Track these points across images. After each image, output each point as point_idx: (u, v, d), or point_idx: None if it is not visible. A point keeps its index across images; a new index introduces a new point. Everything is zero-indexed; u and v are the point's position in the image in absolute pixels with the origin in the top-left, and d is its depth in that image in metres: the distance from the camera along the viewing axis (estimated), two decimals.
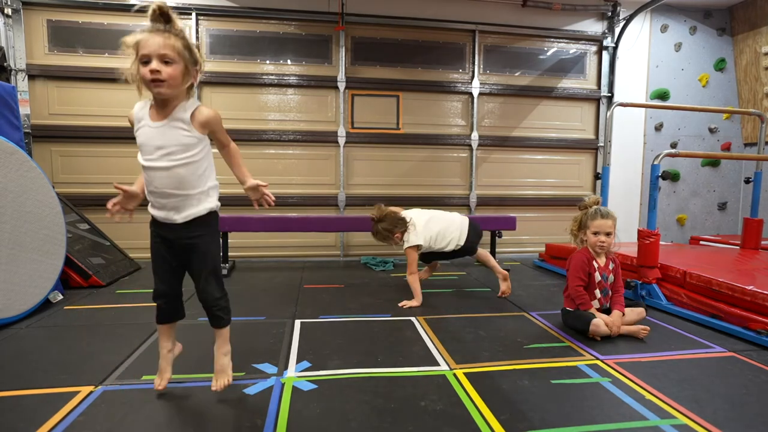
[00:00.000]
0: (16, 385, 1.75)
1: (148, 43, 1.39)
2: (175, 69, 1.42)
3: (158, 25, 1.41)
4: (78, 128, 4.14)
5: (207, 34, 4.33)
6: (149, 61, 1.39)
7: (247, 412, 1.56)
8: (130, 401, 1.63)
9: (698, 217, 5.32)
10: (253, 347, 2.16)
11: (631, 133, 5.05)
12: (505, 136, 4.87)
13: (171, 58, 1.40)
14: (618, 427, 1.50)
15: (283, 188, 4.53)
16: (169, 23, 1.42)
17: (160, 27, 1.41)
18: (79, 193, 4.14)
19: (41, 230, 2.74)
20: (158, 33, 1.40)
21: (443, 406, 1.62)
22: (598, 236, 2.37)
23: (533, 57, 4.89)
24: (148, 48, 1.39)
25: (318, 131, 4.53)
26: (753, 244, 3.77)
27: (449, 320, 2.61)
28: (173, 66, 1.41)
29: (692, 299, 2.75)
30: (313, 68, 4.51)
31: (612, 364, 1.99)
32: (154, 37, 1.39)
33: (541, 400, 1.66)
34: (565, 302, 2.50)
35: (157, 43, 1.38)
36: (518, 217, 4.38)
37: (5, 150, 2.56)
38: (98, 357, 2.02)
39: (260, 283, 3.48)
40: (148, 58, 1.39)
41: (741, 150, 5.27)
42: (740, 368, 1.98)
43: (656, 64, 5.04)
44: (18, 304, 2.50)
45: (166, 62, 1.40)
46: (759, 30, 4.85)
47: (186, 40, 1.45)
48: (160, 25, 1.41)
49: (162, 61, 1.39)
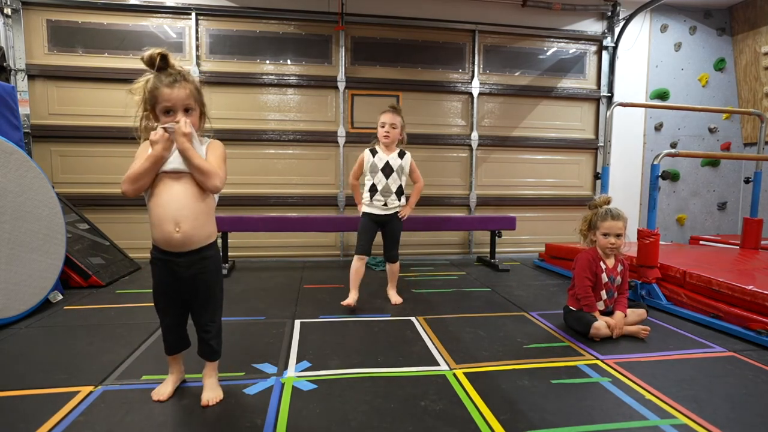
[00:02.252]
0: (16, 385, 1.75)
1: (171, 96, 1.46)
2: (195, 116, 1.53)
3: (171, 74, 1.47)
4: (78, 128, 4.14)
5: (207, 34, 4.32)
6: (172, 112, 1.48)
7: (247, 412, 1.56)
8: (130, 401, 1.63)
9: (698, 217, 5.32)
10: (253, 347, 2.15)
11: (630, 133, 5.05)
12: (505, 136, 4.87)
13: (192, 106, 1.51)
14: (618, 427, 1.50)
15: (283, 188, 4.53)
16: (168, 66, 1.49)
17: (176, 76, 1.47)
18: (78, 193, 4.14)
19: (41, 230, 2.74)
20: (178, 84, 1.47)
21: (443, 406, 1.62)
22: (608, 238, 2.34)
23: (533, 57, 4.88)
24: (172, 101, 1.47)
25: (318, 131, 4.53)
26: (753, 244, 3.77)
27: (449, 320, 2.61)
28: (194, 113, 1.52)
29: (692, 299, 2.75)
30: (313, 68, 4.50)
31: (612, 364, 1.99)
32: (174, 90, 1.46)
33: (541, 400, 1.66)
34: (568, 300, 2.49)
35: (179, 96, 1.47)
36: (518, 216, 4.38)
37: (5, 150, 2.56)
38: (98, 357, 2.02)
39: (260, 283, 3.48)
40: (171, 109, 1.48)
41: (741, 150, 5.27)
42: (740, 368, 1.98)
43: (656, 63, 5.04)
44: (18, 304, 2.50)
45: (187, 110, 1.50)
46: (759, 30, 4.85)
47: (194, 82, 1.53)
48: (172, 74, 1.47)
49: (184, 110, 1.49)
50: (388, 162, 2.81)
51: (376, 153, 2.85)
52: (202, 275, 1.57)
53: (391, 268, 3.02)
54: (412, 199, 2.97)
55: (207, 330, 1.63)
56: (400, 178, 2.85)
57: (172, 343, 1.67)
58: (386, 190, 2.81)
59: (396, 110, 2.81)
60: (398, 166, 2.83)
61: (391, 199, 2.83)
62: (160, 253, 1.54)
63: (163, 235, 1.50)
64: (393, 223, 2.89)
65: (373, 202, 2.83)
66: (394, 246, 2.95)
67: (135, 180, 1.46)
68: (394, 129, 2.79)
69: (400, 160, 2.85)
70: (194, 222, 1.51)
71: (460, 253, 4.92)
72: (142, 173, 1.46)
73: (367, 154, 2.87)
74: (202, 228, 1.54)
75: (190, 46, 4.27)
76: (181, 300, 1.61)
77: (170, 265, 1.54)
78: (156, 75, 1.47)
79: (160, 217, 1.49)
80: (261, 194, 4.46)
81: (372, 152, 2.87)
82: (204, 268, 1.57)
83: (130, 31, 4.18)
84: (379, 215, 2.85)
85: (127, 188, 1.46)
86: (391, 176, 2.81)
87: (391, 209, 2.85)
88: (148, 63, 1.47)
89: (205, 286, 1.58)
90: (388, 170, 2.81)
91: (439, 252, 4.85)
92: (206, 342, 1.65)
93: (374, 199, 2.82)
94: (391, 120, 2.78)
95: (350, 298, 2.78)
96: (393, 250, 2.95)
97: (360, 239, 2.87)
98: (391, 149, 2.85)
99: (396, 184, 2.83)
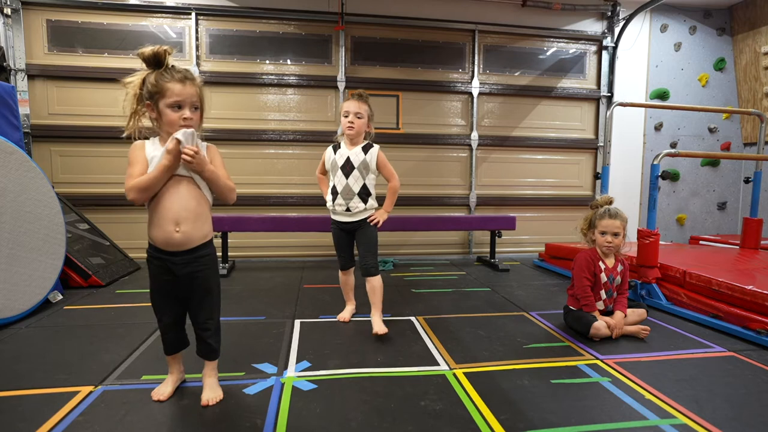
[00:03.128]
0: (16, 385, 1.75)
1: (183, 92, 1.47)
2: (197, 116, 1.54)
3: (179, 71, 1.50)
4: (77, 128, 4.14)
5: (207, 33, 4.32)
6: (180, 107, 1.48)
7: (247, 412, 1.56)
8: (130, 401, 1.63)
9: (698, 217, 5.32)
10: (253, 347, 2.15)
11: (630, 132, 5.05)
12: (504, 135, 4.87)
13: (198, 105, 1.53)
14: (618, 426, 1.50)
15: (283, 188, 4.53)
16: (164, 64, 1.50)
17: (186, 73, 1.50)
18: (78, 193, 4.14)
19: (41, 230, 2.74)
20: (189, 82, 1.49)
21: (443, 406, 1.62)
22: (605, 236, 2.36)
23: (533, 57, 4.88)
24: (182, 96, 1.48)
25: (318, 131, 4.53)
26: (753, 244, 3.77)
27: (449, 320, 2.61)
28: (198, 112, 1.54)
29: (692, 299, 2.75)
30: (313, 68, 4.50)
31: (612, 364, 1.99)
32: (186, 87, 1.48)
33: (541, 400, 1.66)
34: (568, 300, 2.50)
35: (190, 92, 1.49)
36: (518, 216, 4.38)
37: (5, 150, 2.56)
38: (98, 357, 2.02)
39: (260, 283, 3.48)
40: (181, 104, 1.48)
41: (741, 150, 5.27)
42: (740, 368, 1.98)
43: (656, 63, 5.04)
44: (18, 304, 2.50)
45: (195, 108, 1.52)
46: (759, 30, 4.85)
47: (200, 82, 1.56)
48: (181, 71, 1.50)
49: (193, 108, 1.51)
50: (348, 158, 2.38)
51: (338, 149, 2.44)
52: (198, 273, 1.58)
53: (370, 284, 2.44)
54: (388, 201, 2.47)
55: (205, 328, 1.63)
56: (364, 177, 2.39)
57: (171, 342, 1.67)
58: (347, 192, 2.37)
59: (362, 98, 2.39)
60: (361, 162, 2.37)
61: (353, 203, 2.38)
62: (157, 251, 1.55)
63: (163, 235, 1.50)
64: (364, 229, 2.44)
65: (335, 207, 2.42)
66: (368, 254, 2.42)
67: (145, 189, 1.46)
68: (359, 119, 2.36)
69: (363, 155, 2.39)
70: (194, 222, 1.53)
71: (460, 253, 4.92)
72: (153, 183, 1.46)
73: (328, 151, 2.48)
74: (201, 228, 1.56)
75: (190, 46, 4.27)
76: (178, 298, 1.61)
77: (167, 264, 1.55)
78: (159, 71, 1.47)
79: (162, 218, 1.50)
80: (261, 194, 4.46)
81: (334, 148, 2.47)
82: (201, 266, 1.58)
83: (130, 31, 4.18)
84: (345, 223, 2.44)
85: (136, 197, 1.46)
86: (352, 175, 2.37)
87: (356, 215, 2.41)
88: (152, 59, 1.46)
89: (202, 284, 1.59)
90: (348, 167, 2.37)
91: (439, 252, 4.85)
92: (205, 341, 1.65)
93: (336, 203, 2.41)
94: (355, 108, 2.35)
95: (346, 312, 2.62)
96: (368, 258, 2.41)
97: (337, 251, 2.55)
98: (356, 143, 2.42)
99: (358, 184, 2.37)
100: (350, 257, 2.57)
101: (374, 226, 2.44)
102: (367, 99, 2.40)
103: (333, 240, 2.55)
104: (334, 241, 2.55)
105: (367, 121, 2.40)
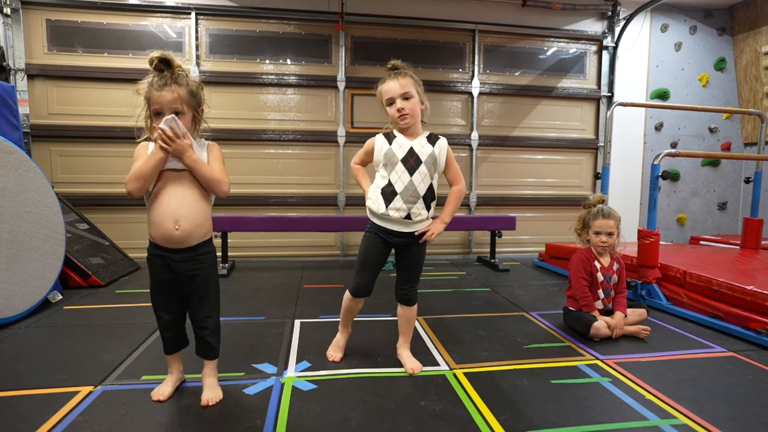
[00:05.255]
0: (16, 385, 1.75)
1: (159, 99, 1.48)
2: (185, 119, 1.52)
3: (163, 77, 1.49)
4: (77, 128, 4.13)
5: (207, 33, 4.32)
6: (161, 115, 1.49)
7: (247, 412, 1.56)
8: (130, 401, 1.63)
9: (698, 217, 5.32)
10: (253, 347, 2.15)
11: (631, 132, 5.05)
12: (505, 135, 4.87)
13: (180, 109, 1.50)
14: (618, 427, 1.49)
15: (283, 188, 4.53)
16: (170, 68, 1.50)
17: (167, 79, 1.48)
18: (78, 193, 4.13)
19: (40, 230, 2.74)
20: (167, 88, 1.48)
21: (443, 406, 1.61)
22: (600, 236, 2.37)
23: (533, 57, 4.88)
24: (160, 104, 1.49)
25: (318, 131, 4.53)
26: (753, 244, 3.77)
27: (449, 320, 2.61)
28: (184, 117, 1.52)
29: (692, 299, 2.75)
30: (313, 68, 4.50)
31: (612, 364, 1.99)
32: (163, 93, 1.48)
33: (541, 400, 1.66)
34: (567, 301, 2.50)
35: (166, 99, 1.48)
36: (518, 216, 4.38)
37: (4, 150, 2.56)
38: (98, 357, 2.02)
39: (260, 283, 3.48)
40: (160, 112, 1.50)
41: (741, 150, 5.26)
42: (740, 368, 1.98)
43: (656, 63, 5.04)
44: (17, 304, 2.50)
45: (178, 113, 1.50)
46: (759, 30, 4.85)
47: (189, 86, 1.53)
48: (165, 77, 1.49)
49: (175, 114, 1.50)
50: (412, 149, 1.82)
51: (394, 138, 1.85)
52: (198, 271, 1.58)
53: (406, 314, 1.98)
54: (449, 209, 1.91)
55: (204, 326, 1.63)
56: (432, 176, 1.85)
57: (171, 341, 1.67)
58: (410, 193, 1.80)
59: (400, 71, 1.80)
60: (429, 156, 1.83)
61: (417, 207, 1.82)
62: (157, 249, 1.56)
63: (162, 232, 1.51)
64: (416, 246, 1.89)
65: (388, 212, 1.81)
66: (413, 279, 1.94)
67: (138, 178, 1.47)
68: (408, 100, 1.77)
69: (431, 147, 1.85)
70: (194, 220, 1.53)
71: (460, 253, 4.92)
72: (146, 172, 1.48)
73: (379, 140, 1.87)
74: (200, 226, 1.56)
75: (189, 46, 4.27)
76: (178, 296, 1.62)
77: (167, 262, 1.55)
78: (150, 82, 1.50)
79: (161, 215, 1.51)
80: (261, 194, 4.46)
81: (387, 136, 1.87)
82: (200, 264, 1.58)
83: (130, 31, 4.18)
84: (397, 233, 1.85)
85: (132, 187, 1.48)
86: (419, 171, 1.81)
87: (415, 224, 1.84)
88: (150, 66, 1.50)
89: (201, 282, 1.59)
90: (414, 161, 1.81)
91: (439, 252, 4.85)
92: (204, 339, 1.65)
93: (391, 207, 1.81)
94: (399, 89, 1.77)
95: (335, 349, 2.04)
96: (411, 284, 1.94)
97: (360, 269, 1.92)
98: (416, 132, 1.85)
99: (425, 183, 1.82)
100: (372, 283, 1.94)
101: (425, 243, 1.89)
102: (408, 70, 1.82)
103: (361, 253, 1.92)
104: (362, 255, 1.92)
105: (419, 99, 1.82)
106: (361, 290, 1.93)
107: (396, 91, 1.77)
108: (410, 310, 1.98)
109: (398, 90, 1.77)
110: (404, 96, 1.77)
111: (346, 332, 2.08)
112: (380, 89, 1.83)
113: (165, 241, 1.53)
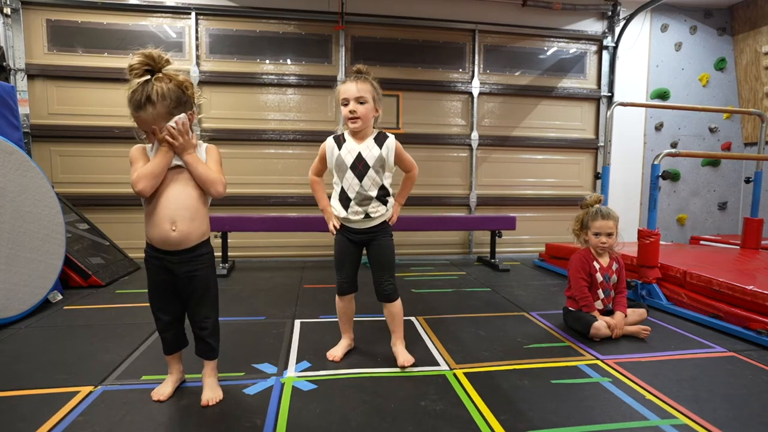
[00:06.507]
0: (16, 385, 1.75)
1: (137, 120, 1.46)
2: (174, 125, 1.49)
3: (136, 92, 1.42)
4: (77, 128, 4.13)
5: (207, 33, 4.32)
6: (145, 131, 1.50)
7: (247, 412, 1.56)
8: (130, 401, 1.63)
9: (698, 217, 5.32)
10: (253, 347, 2.15)
11: (631, 132, 5.05)
12: (505, 135, 4.87)
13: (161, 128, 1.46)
14: (618, 427, 1.49)
15: (283, 188, 4.53)
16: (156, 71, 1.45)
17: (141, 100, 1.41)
18: (78, 193, 4.13)
19: (40, 230, 2.74)
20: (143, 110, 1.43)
21: (443, 406, 1.61)
22: (599, 237, 2.37)
23: (533, 57, 4.88)
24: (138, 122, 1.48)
25: (318, 131, 4.53)
26: (753, 244, 3.77)
27: (449, 320, 2.61)
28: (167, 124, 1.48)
29: (692, 299, 2.75)
30: (312, 68, 4.50)
31: (612, 364, 1.99)
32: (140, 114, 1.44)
33: (541, 400, 1.66)
34: (567, 301, 2.50)
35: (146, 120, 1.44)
36: (518, 216, 4.37)
37: (4, 150, 2.56)
38: (98, 357, 2.02)
39: (260, 283, 3.48)
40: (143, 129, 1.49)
41: (741, 150, 5.26)
42: (740, 368, 1.98)
43: (656, 63, 5.04)
44: (17, 304, 2.50)
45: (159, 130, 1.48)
46: (759, 29, 4.85)
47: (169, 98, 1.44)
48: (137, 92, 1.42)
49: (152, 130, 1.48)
50: (360, 155, 1.87)
51: (344, 142, 1.91)
52: (196, 272, 1.58)
53: (390, 311, 2.00)
54: (404, 191, 2.07)
55: (203, 327, 1.63)
56: (382, 176, 1.90)
57: (170, 341, 1.67)
58: (362, 198, 1.87)
59: (362, 75, 1.86)
60: (377, 159, 1.87)
61: (372, 207, 1.89)
62: (155, 251, 1.56)
63: (159, 233, 1.51)
64: (380, 238, 1.95)
65: (349, 215, 1.90)
66: (385, 273, 1.96)
67: (152, 177, 1.47)
68: (362, 105, 1.83)
69: (378, 150, 1.88)
70: (191, 221, 1.53)
71: (460, 253, 4.92)
72: (159, 170, 1.48)
73: (329, 144, 1.94)
74: (198, 227, 1.56)
75: (189, 46, 4.27)
76: (176, 298, 1.62)
77: (164, 263, 1.55)
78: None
79: (157, 217, 1.50)
80: (261, 194, 4.46)
81: (337, 140, 1.93)
82: (198, 265, 1.58)
83: (130, 31, 4.18)
84: (359, 230, 1.93)
85: (144, 185, 1.46)
86: (367, 176, 1.87)
87: (376, 219, 1.92)
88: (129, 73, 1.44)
89: (199, 282, 1.59)
90: (362, 167, 1.86)
91: (439, 252, 4.85)
92: (203, 339, 1.65)
93: (350, 211, 1.89)
94: (355, 92, 1.82)
95: (338, 348, 2.07)
96: (385, 279, 1.95)
97: (338, 270, 1.99)
98: (365, 135, 1.90)
99: (376, 186, 1.89)
100: (354, 279, 2.02)
101: (391, 237, 1.98)
102: (369, 76, 1.88)
103: (335, 253, 2.00)
104: (335, 254, 2.00)
105: (373, 105, 1.88)
106: (344, 288, 2.02)
107: (352, 93, 1.83)
108: (394, 306, 2.00)
109: (354, 93, 1.83)
110: (359, 100, 1.84)
111: (348, 337, 2.13)
112: (338, 88, 1.90)
113: (162, 242, 1.52)
